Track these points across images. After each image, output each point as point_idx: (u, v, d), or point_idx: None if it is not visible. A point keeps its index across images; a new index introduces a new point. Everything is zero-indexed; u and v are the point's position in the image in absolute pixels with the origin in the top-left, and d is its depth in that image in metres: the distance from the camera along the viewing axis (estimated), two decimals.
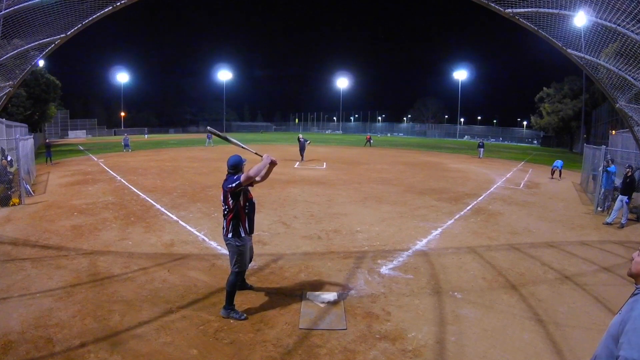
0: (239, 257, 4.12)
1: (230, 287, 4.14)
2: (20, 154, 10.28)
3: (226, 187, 4.02)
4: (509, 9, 5.96)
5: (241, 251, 4.11)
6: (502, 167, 20.54)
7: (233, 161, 4.13)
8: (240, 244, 4.08)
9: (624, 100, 7.35)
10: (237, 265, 4.13)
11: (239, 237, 4.07)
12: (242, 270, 4.23)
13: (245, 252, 4.18)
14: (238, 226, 4.06)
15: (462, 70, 68.98)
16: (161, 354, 3.50)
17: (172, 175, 14.56)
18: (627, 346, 1.67)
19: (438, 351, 3.65)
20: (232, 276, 4.16)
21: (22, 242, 6.64)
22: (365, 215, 8.87)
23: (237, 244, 4.07)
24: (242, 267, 4.21)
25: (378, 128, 79.19)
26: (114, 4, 5.79)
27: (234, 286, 4.15)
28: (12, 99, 27.01)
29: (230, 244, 4.10)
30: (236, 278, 4.17)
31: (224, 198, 4.08)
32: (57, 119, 48.53)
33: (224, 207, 4.10)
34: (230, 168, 4.12)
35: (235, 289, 4.19)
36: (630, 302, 1.81)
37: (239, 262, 4.13)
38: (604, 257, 6.51)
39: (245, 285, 4.74)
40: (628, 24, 5.75)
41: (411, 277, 5.38)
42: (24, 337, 3.69)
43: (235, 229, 4.06)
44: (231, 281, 4.14)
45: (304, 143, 20.52)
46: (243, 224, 4.09)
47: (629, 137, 10.97)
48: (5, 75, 7.00)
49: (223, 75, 75.28)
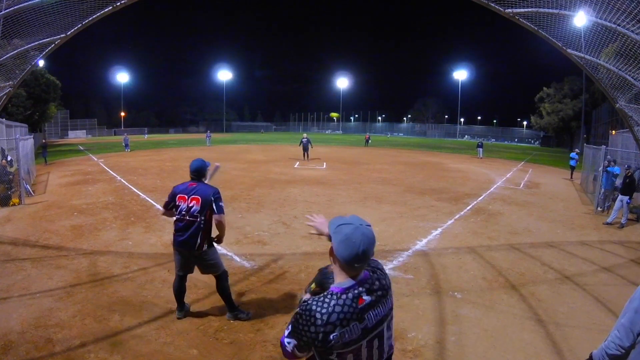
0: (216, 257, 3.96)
1: (225, 292, 4.02)
2: (20, 154, 10.28)
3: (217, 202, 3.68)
4: (509, 9, 5.96)
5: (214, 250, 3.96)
6: (502, 167, 20.54)
7: (196, 165, 3.84)
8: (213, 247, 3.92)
9: (624, 100, 7.35)
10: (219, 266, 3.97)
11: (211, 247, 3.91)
12: (225, 270, 4.04)
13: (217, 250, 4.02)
14: (210, 237, 3.89)
15: (462, 70, 69.15)
16: (161, 354, 3.50)
17: (172, 175, 14.55)
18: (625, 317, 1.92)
19: (438, 351, 3.65)
20: (221, 282, 4.00)
21: (22, 242, 6.64)
22: (365, 215, 8.86)
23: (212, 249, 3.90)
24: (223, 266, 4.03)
25: (378, 128, 79.26)
26: (114, 4, 5.79)
27: (227, 289, 4.04)
28: (12, 99, 27.02)
29: (206, 253, 3.84)
30: (226, 281, 4.02)
31: (201, 208, 3.68)
32: (57, 119, 48.61)
33: (201, 219, 3.68)
34: (193, 172, 3.83)
35: (229, 290, 4.09)
36: None
37: (218, 262, 3.97)
38: (604, 257, 6.51)
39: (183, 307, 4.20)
40: (628, 24, 5.75)
41: (411, 277, 5.38)
42: (24, 337, 3.69)
43: (210, 241, 3.88)
44: (223, 286, 4.00)
45: (306, 143, 20.66)
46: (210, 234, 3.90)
47: (629, 137, 10.97)
48: (5, 75, 6.99)
49: (223, 75, 75.43)
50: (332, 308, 1.38)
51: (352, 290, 1.42)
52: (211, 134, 37.20)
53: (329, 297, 1.41)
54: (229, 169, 16.61)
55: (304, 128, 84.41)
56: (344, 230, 1.41)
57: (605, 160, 10.24)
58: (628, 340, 1.89)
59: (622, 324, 1.94)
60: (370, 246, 1.41)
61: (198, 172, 3.85)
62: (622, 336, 1.91)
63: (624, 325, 1.92)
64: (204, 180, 3.90)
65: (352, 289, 1.42)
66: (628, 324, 1.91)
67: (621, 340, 1.91)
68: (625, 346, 1.90)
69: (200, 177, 3.86)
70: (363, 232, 1.41)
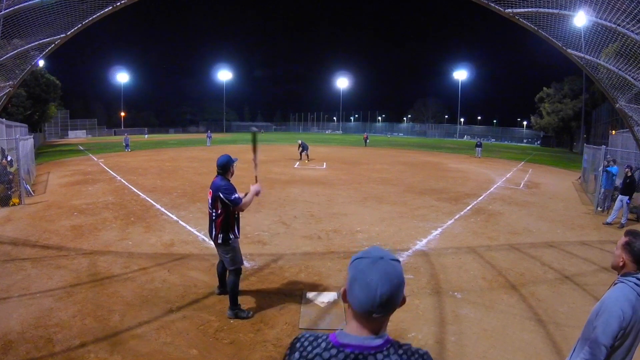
0: (234, 254, 4.11)
1: (232, 288, 4.12)
2: (20, 154, 10.28)
3: (222, 194, 3.90)
4: (509, 9, 5.97)
5: (234, 247, 4.11)
6: (502, 167, 20.54)
7: (222, 161, 4.08)
8: (231, 243, 4.07)
9: (624, 100, 7.36)
10: (234, 263, 4.12)
11: (229, 239, 4.05)
12: (239, 268, 4.20)
13: (238, 248, 4.18)
14: (228, 231, 4.03)
15: (462, 70, 69.11)
16: (161, 354, 3.50)
17: (172, 175, 14.56)
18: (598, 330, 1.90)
19: (438, 351, 3.65)
20: (231, 276, 4.15)
21: (22, 242, 6.64)
22: (365, 215, 8.87)
23: (229, 244, 4.05)
24: (239, 264, 4.18)
25: (378, 128, 79.29)
26: (114, 4, 5.80)
27: (235, 286, 4.14)
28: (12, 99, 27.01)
29: (221, 245, 4.06)
30: (236, 277, 4.15)
31: (212, 201, 3.99)
32: (57, 119, 48.54)
33: (212, 210, 4.00)
34: (219, 168, 4.06)
35: (237, 289, 4.18)
36: (609, 290, 2.00)
37: (234, 260, 4.11)
38: (604, 257, 6.50)
39: (223, 291, 4.55)
40: (628, 24, 5.75)
41: (411, 277, 5.38)
42: (24, 337, 3.69)
43: (226, 233, 4.02)
44: (232, 281, 4.14)
45: (305, 144, 20.78)
46: (232, 229, 4.07)
47: (629, 137, 10.98)
48: (5, 75, 7.00)
49: (223, 75, 75.37)
50: (309, 355, 1.05)
51: (349, 350, 1.01)
52: (211, 134, 37.21)
53: (318, 341, 1.07)
54: None
55: (304, 128, 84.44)
56: (358, 266, 1.03)
57: (605, 160, 10.24)
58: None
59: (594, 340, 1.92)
60: (394, 289, 0.99)
61: (222, 167, 4.07)
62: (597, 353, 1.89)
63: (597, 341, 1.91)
64: (227, 175, 4.10)
65: (351, 349, 1.01)
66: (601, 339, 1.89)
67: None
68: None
69: (224, 172, 4.07)
70: (384, 269, 1.00)
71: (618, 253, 2.02)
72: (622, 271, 2.01)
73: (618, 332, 1.86)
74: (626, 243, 1.99)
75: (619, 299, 1.90)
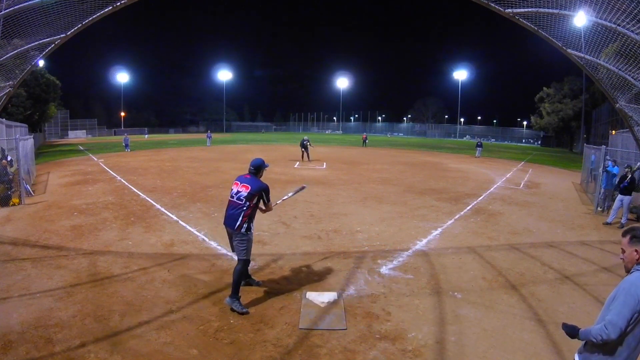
0: (248, 245, 4.39)
1: (238, 276, 4.30)
2: (20, 154, 10.28)
3: (265, 195, 4.45)
4: (509, 9, 5.96)
5: (250, 239, 4.41)
6: (502, 167, 20.54)
7: (257, 162, 4.58)
8: (249, 234, 4.39)
9: (624, 100, 7.36)
10: (245, 253, 4.37)
11: (250, 229, 4.40)
12: (249, 260, 4.48)
13: (252, 241, 4.50)
14: (250, 222, 4.40)
15: (462, 70, 69.08)
16: (161, 354, 3.50)
17: (172, 175, 14.56)
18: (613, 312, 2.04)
19: (438, 351, 3.65)
20: (240, 265, 4.36)
21: (22, 242, 6.64)
22: (365, 215, 8.87)
23: (248, 234, 4.36)
24: (249, 256, 4.46)
25: (378, 128, 79.31)
26: (114, 4, 5.79)
27: (241, 275, 4.37)
28: (12, 99, 27.02)
29: (242, 234, 4.34)
30: (244, 267, 4.41)
31: (249, 196, 4.32)
32: (57, 119, 48.52)
33: (245, 203, 4.33)
34: (252, 167, 4.54)
35: (241, 278, 4.41)
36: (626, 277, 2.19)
37: (247, 250, 4.37)
38: (604, 257, 6.51)
39: (252, 282, 4.95)
40: (628, 24, 5.75)
41: (411, 277, 5.38)
42: (24, 337, 3.69)
43: (249, 225, 4.37)
44: (239, 270, 4.33)
45: (306, 143, 20.77)
46: (252, 220, 4.45)
47: (629, 137, 10.97)
48: (5, 75, 7.00)
49: (223, 75, 75.38)
50: None
51: None
52: (212, 134, 37.20)
53: None
54: (229, 169, 16.62)
55: (304, 128, 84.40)
56: None
57: (604, 160, 10.24)
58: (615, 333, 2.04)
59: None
60: None
61: (257, 167, 4.56)
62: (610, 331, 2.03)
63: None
64: (259, 175, 4.59)
65: None
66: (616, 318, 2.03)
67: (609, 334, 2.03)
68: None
69: (257, 172, 4.56)
70: None
71: (629, 250, 2.15)
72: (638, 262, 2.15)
73: (632, 314, 1.99)
74: (632, 237, 2.14)
75: (635, 283, 2.05)
